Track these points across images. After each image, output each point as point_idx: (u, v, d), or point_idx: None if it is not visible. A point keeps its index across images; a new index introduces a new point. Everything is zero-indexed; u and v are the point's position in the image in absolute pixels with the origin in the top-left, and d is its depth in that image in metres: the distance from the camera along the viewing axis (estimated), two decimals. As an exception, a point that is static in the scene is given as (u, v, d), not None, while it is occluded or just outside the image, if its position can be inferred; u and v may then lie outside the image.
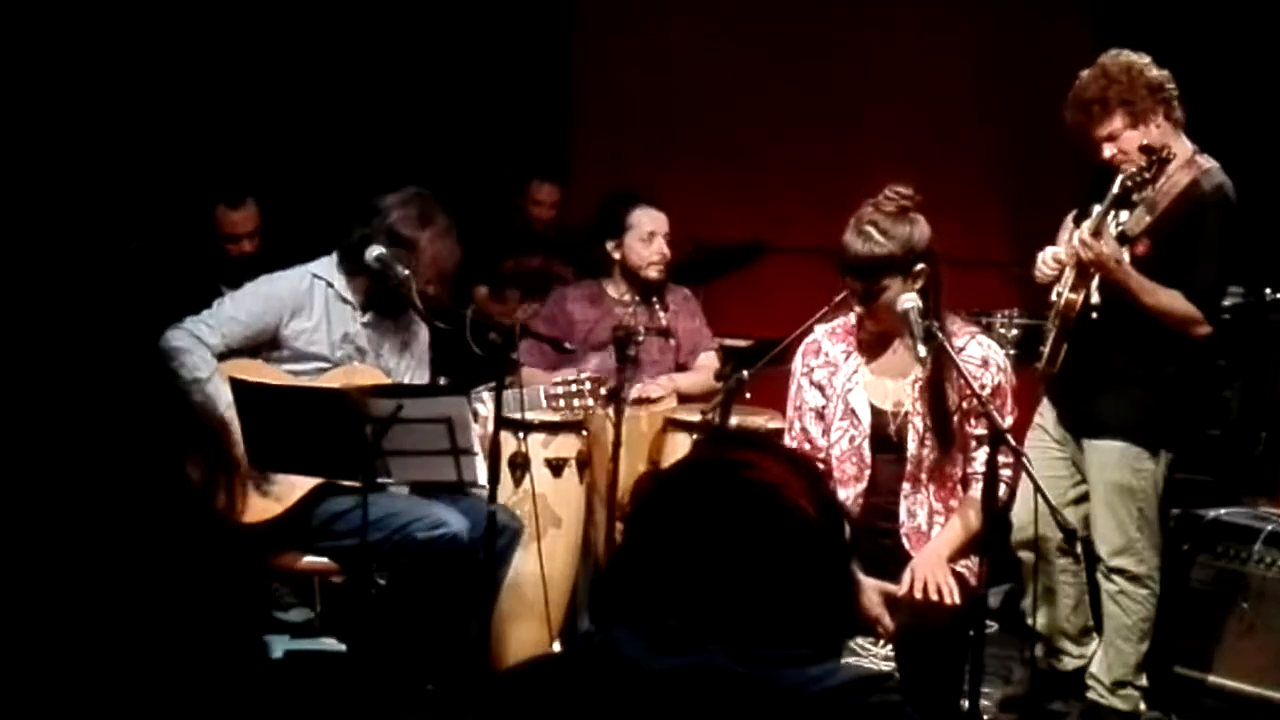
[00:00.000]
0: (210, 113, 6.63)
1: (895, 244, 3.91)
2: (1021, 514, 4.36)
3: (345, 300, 4.68)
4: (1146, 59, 4.46)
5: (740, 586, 1.80)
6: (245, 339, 4.54)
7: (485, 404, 4.44)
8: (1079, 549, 4.71)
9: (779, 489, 1.85)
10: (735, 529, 1.82)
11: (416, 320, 4.82)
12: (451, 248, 4.70)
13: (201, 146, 6.54)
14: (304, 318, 4.61)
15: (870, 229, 3.92)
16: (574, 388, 4.62)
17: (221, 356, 4.47)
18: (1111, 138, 4.42)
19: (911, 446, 4.03)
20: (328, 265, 4.70)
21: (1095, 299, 4.48)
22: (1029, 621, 4.80)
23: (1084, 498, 4.67)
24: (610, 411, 4.70)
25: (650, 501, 1.92)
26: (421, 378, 4.85)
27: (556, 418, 4.86)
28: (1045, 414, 4.74)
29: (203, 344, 4.45)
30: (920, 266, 3.94)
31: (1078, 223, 4.52)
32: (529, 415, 4.71)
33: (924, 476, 4.04)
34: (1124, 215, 4.42)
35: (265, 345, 4.59)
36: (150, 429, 1.78)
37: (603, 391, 4.62)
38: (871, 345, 4.11)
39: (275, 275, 4.70)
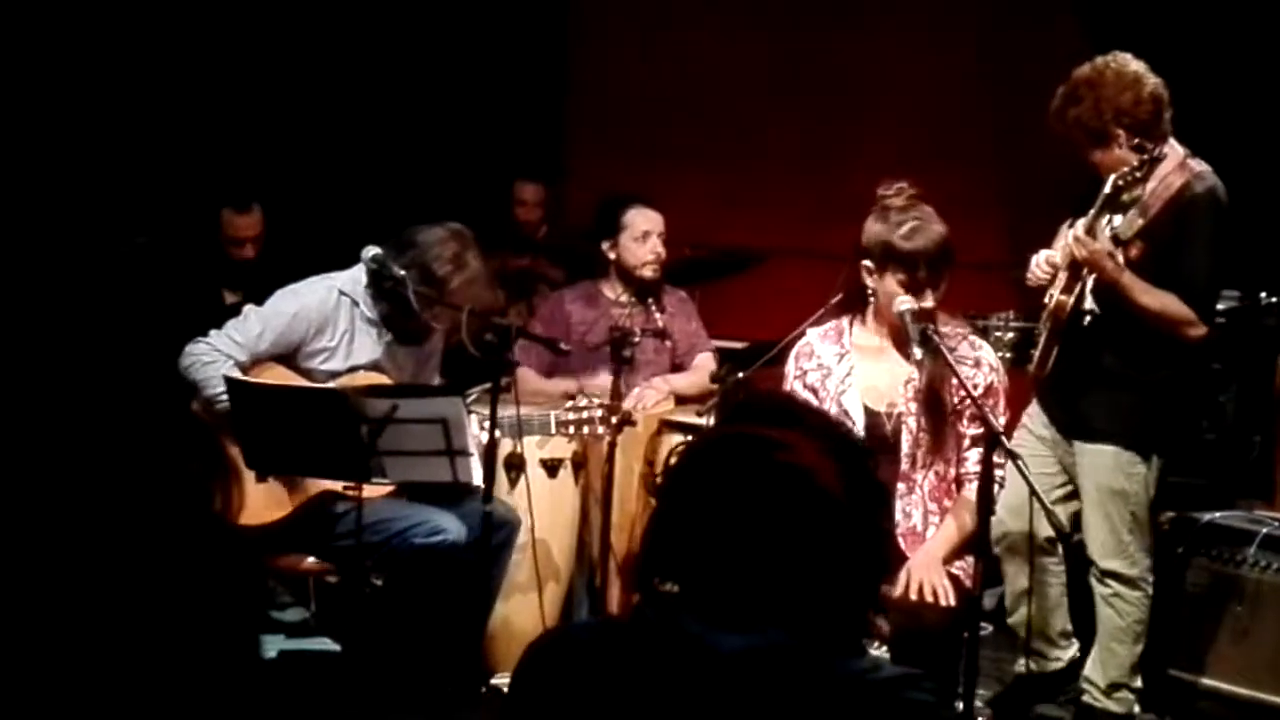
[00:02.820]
0: (215, 117, 6.64)
1: (941, 226, 3.95)
2: (1001, 512, 4.35)
3: (371, 321, 4.65)
4: (1131, 72, 4.41)
5: (773, 569, 1.83)
6: (270, 355, 4.53)
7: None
8: (1061, 550, 4.72)
9: (811, 474, 1.86)
10: (766, 512, 1.84)
11: (435, 338, 4.81)
12: (481, 293, 4.64)
13: (207, 150, 6.55)
14: (327, 336, 4.59)
15: (920, 221, 3.93)
16: (585, 414, 4.61)
17: (245, 369, 4.46)
18: (1082, 151, 4.45)
19: (906, 446, 4.03)
20: (353, 282, 4.65)
21: (1089, 303, 4.50)
22: (1008, 620, 4.81)
23: (1069, 497, 4.68)
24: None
25: (682, 475, 1.94)
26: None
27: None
28: (1033, 414, 4.74)
29: (229, 359, 4.43)
30: None
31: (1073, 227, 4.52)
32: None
33: (918, 477, 4.04)
34: (1117, 219, 4.43)
35: (289, 356, 4.59)
36: (151, 428, 1.79)
37: (614, 420, 4.61)
38: (900, 344, 4.08)
39: (300, 289, 4.63)
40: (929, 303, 3.95)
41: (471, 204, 5.18)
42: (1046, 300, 4.52)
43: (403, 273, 4.54)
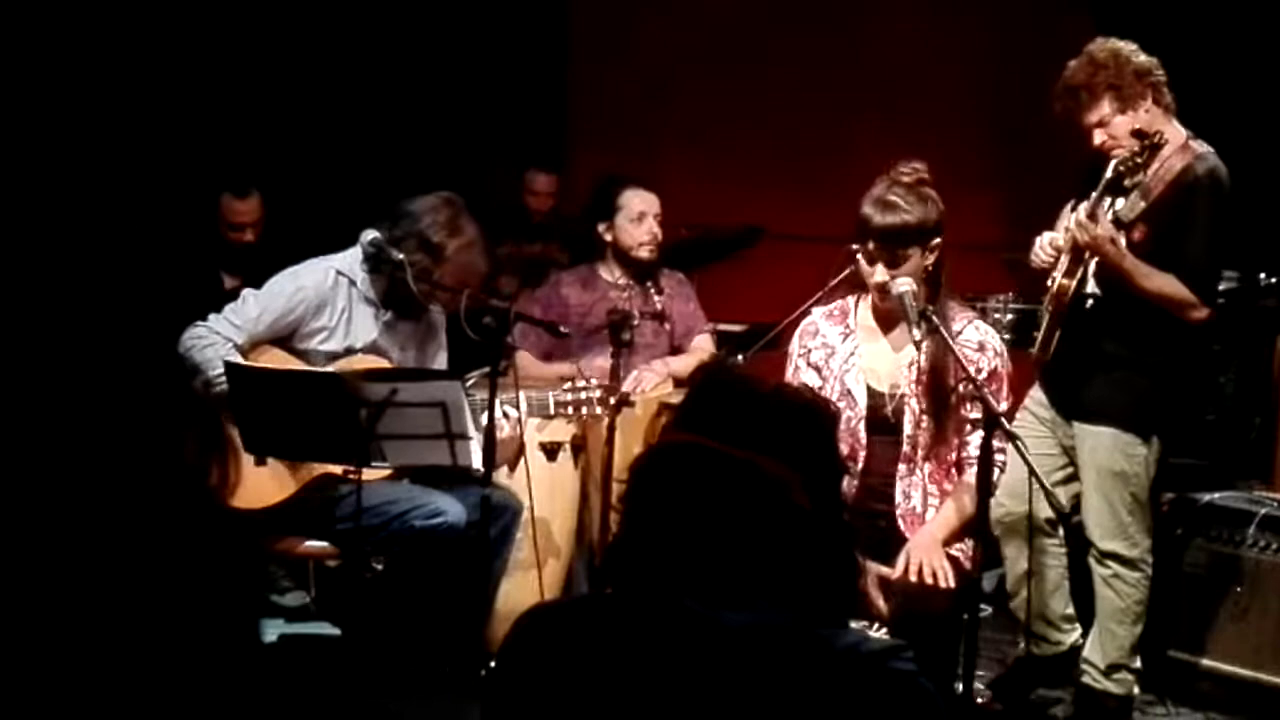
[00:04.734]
0: (216, 102, 6.63)
1: (918, 213, 3.94)
2: (1001, 494, 4.35)
3: (369, 300, 4.65)
4: (1133, 46, 4.48)
5: (747, 558, 1.93)
6: (269, 336, 4.54)
7: (514, 409, 4.43)
8: (1061, 531, 4.72)
9: (757, 464, 1.97)
10: (733, 510, 1.94)
11: (434, 315, 4.82)
12: (478, 258, 4.67)
13: (208, 135, 6.54)
14: (325, 316, 4.59)
15: (895, 199, 3.94)
16: (583, 394, 4.61)
17: (244, 352, 4.46)
18: (1101, 124, 4.44)
19: (907, 428, 4.03)
20: (350, 262, 4.66)
21: (1091, 286, 4.50)
22: (1009, 604, 4.81)
23: (1069, 479, 4.68)
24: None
25: (644, 485, 2.03)
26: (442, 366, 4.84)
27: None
28: (1035, 396, 4.75)
29: (228, 341, 4.43)
30: (936, 240, 3.97)
31: (1075, 210, 4.53)
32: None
33: (919, 458, 4.04)
34: (1119, 202, 4.43)
35: (287, 339, 4.58)
36: (150, 409, 1.78)
37: (612, 400, 4.61)
38: (883, 322, 4.09)
39: (297, 271, 4.64)
40: (880, 278, 3.95)
41: (473, 191, 5.17)
42: (1049, 283, 4.53)
43: (401, 256, 4.55)
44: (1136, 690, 4.71)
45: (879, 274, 3.97)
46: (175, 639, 1.73)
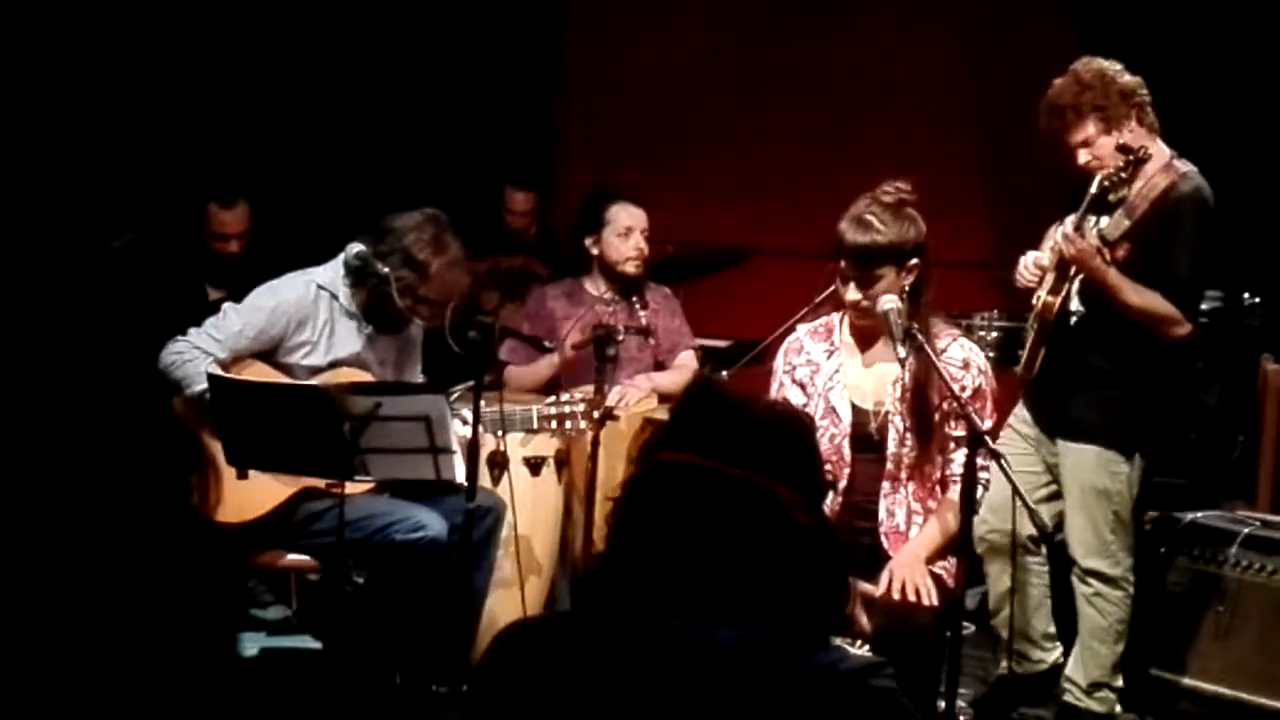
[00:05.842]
0: (203, 111, 6.63)
1: (892, 234, 3.93)
2: (985, 511, 4.36)
3: (351, 314, 4.64)
4: (1118, 66, 4.49)
5: (738, 575, 1.93)
6: (250, 351, 4.52)
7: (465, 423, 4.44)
8: (1044, 550, 4.72)
9: (757, 483, 1.96)
10: (724, 526, 1.94)
11: (413, 329, 4.81)
12: (461, 277, 4.66)
13: (195, 145, 6.53)
14: (307, 330, 4.58)
15: (870, 218, 3.95)
16: (567, 409, 4.60)
17: (225, 367, 4.44)
18: (1086, 144, 4.45)
19: (891, 446, 4.03)
20: (331, 275, 4.65)
21: (1075, 304, 4.51)
22: (991, 621, 4.81)
23: (1052, 497, 4.68)
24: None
25: (633, 501, 2.03)
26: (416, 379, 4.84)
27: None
28: (1019, 414, 4.75)
29: (209, 356, 4.41)
30: (914, 261, 3.97)
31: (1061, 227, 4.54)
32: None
33: (903, 476, 4.04)
34: (1104, 220, 4.44)
35: (270, 353, 4.57)
36: (132, 425, 1.78)
37: (596, 415, 4.60)
38: (860, 339, 4.11)
39: (278, 285, 4.63)
40: (852, 296, 3.97)
41: (460, 205, 5.17)
42: (1034, 302, 4.54)
43: (386, 270, 4.54)
44: (1118, 709, 4.72)
45: (850, 292, 3.98)
46: (154, 653, 1.72)
